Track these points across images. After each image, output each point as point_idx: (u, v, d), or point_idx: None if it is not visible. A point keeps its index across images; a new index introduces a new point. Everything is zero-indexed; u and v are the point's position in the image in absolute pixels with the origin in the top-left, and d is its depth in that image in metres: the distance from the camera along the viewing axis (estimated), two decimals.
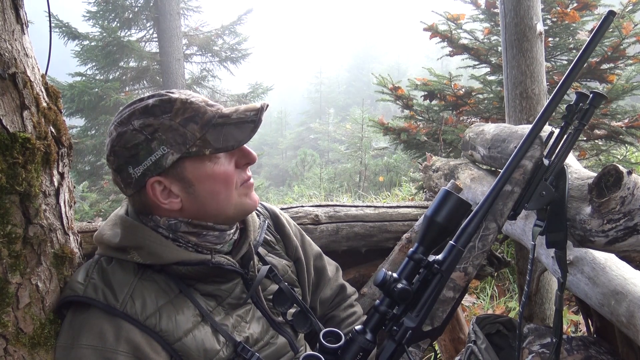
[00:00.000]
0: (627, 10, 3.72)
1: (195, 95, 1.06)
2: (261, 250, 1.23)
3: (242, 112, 1.05)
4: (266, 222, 1.28)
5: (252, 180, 1.13)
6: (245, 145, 1.06)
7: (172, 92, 1.05)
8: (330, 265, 1.43)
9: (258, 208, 1.31)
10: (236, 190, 1.07)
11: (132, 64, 9.31)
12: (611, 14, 0.97)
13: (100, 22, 8.76)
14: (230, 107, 1.08)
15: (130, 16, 9.23)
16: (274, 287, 1.18)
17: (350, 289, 1.45)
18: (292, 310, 1.18)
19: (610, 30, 3.53)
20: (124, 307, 0.96)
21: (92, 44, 8.51)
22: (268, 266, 1.17)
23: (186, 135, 0.99)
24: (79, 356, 0.92)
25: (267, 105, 1.08)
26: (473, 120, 4.14)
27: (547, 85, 2.36)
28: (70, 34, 8.28)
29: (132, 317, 0.95)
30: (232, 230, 1.12)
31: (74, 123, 8.70)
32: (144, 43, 9.54)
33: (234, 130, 1.02)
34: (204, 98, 1.07)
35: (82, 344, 0.93)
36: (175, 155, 0.99)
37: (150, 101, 1.02)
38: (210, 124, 1.01)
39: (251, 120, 1.04)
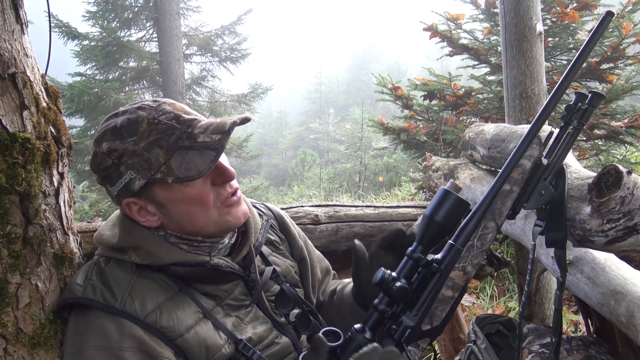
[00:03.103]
0: (627, 10, 3.72)
1: (167, 111, 1.00)
2: (265, 249, 1.23)
3: (209, 134, 0.99)
4: (269, 222, 1.27)
5: (237, 195, 1.07)
6: (221, 160, 1.01)
7: (143, 109, 1.00)
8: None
9: (261, 208, 1.31)
10: (216, 209, 1.03)
11: (131, 64, 9.31)
12: (609, 14, 0.97)
13: (100, 22, 8.76)
14: (206, 120, 1.02)
15: (130, 16, 9.22)
16: (277, 287, 1.18)
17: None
18: (295, 312, 1.18)
19: (610, 30, 3.53)
20: (123, 306, 0.96)
21: (92, 44, 8.50)
22: (271, 268, 1.17)
23: (151, 160, 0.97)
24: (88, 358, 0.92)
25: (242, 121, 1.01)
26: (473, 120, 4.14)
27: (547, 85, 2.36)
28: (70, 34, 8.27)
29: (131, 315, 0.96)
30: (226, 238, 1.12)
31: (74, 123, 8.70)
32: (143, 43, 9.54)
33: (197, 157, 0.97)
34: (177, 111, 1.01)
35: (89, 346, 0.93)
36: (142, 180, 0.98)
37: (119, 121, 1.00)
38: (176, 148, 0.97)
39: (214, 148, 0.97)
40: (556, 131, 1.03)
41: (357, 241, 1.11)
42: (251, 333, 1.08)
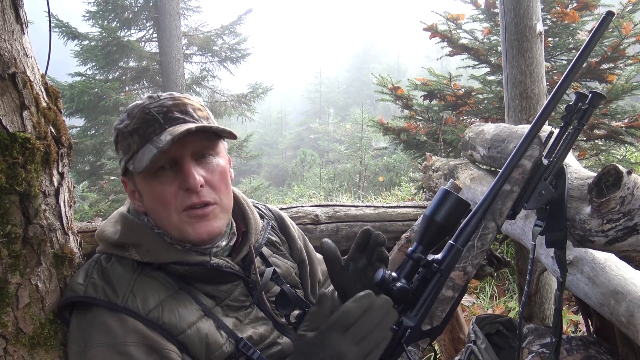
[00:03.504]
0: (627, 10, 3.72)
1: (164, 104, 1.02)
2: (266, 250, 1.23)
3: (169, 133, 0.98)
4: (270, 223, 1.27)
5: (206, 209, 1.03)
6: (191, 166, 1.01)
7: (150, 97, 1.05)
8: None
9: (262, 209, 1.31)
10: (176, 214, 1.02)
11: (131, 64, 9.31)
12: (609, 14, 0.97)
13: (100, 22, 8.76)
14: (188, 125, 1.01)
15: (130, 16, 9.22)
16: (277, 288, 1.18)
17: None
18: (296, 313, 1.18)
19: (610, 30, 3.53)
20: (125, 302, 0.96)
21: (92, 44, 8.50)
22: (272, 268, 1.17)
23: (130, 146, 1.02)
24: (94, 355, 0.92)
25: (196, 129, 0.98)
26: (473, 120, 4.14)
27: (547, 85, 2.36)
28: (70, 34, 8.27)
29: (134, 311, 0.96)
30: (221, 242, 1.11)
31: (74, 123, 8.70)
32: (143, 43, 9.54)
33: (146, 152, 0.98)
34: (178, 108, 1.03)
35: (94, 344, 0.93)
36: (123, 163, 1.04)
37: (136, 102, 1.06)
38: (147, 139, 1.00)
39: (157, 146, 0.97)
40: (556, 131, 1.03)
41: (325, 240, 1.06)
42: (251, 332, 1.08)
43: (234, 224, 1.17)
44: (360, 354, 0.85)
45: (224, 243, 1.12)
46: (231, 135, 1.07)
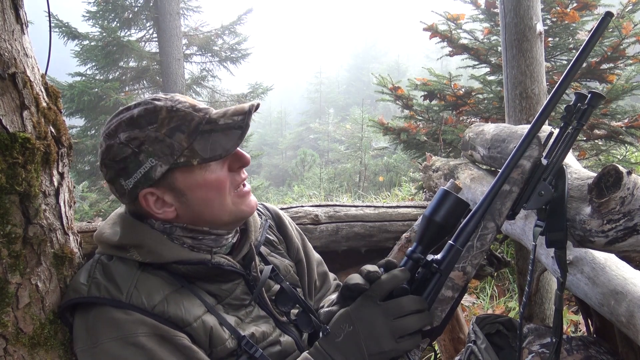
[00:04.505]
0: (627, 10, 3.72)
1: (181, 101, 1.03)
2: (264, 249, 1.23)
3: (229, 117, 1.02)
4: (268, 221, 1.28)
5: (247, 186, 1.10)
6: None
7: (158, 100, 1.02)
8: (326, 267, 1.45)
9: (259, 208, 1.32)
10: (230, 197, 1.05)
11: (131, 64, 9.32)
12: (608, 15, 0.97)
13: (100, 22, 8.76)
14: (219, 109, 1.06)
15: (130, 16, 9.23)
16: (277, 287, 1.18)
17: (332, 276, 1.47)
18: (296, 311, 1.18)
19: (610, 30, 3.53)
20: (129, 299, 0.96)
21: (92, 44, 8.51)
22: (270, 266, 1.17)
23: (173, 145, 0.98)
24: (104, 351, 0.92)
25: (257, 106, 1.05)
26: (473, 120, 4.14)
27: (547, 85, 2.36)
28: (70, 34, 8.28)
29: (139, 307, 0.96)
30: (230, 235, 1.12)
31: (74, 123, 8.70)
32: (143, 43, 9.54)
33: (221, 137, 1.00)
34: (191, 102, 1.05)
35: (103, 340, 0.93)
36: (164, 167, 0.98)
37: (136, 111, 1.00)
38: (197, 132, 1.00)
39: (238, 127, 1.01)
40: (556, 131, 1.03)
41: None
42: (253, 330, 1.08)
43: None
44: (391, 332, 0.90)
45: (230, 237, 1.12)
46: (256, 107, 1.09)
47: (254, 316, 1.12)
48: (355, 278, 0.95)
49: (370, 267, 0.96)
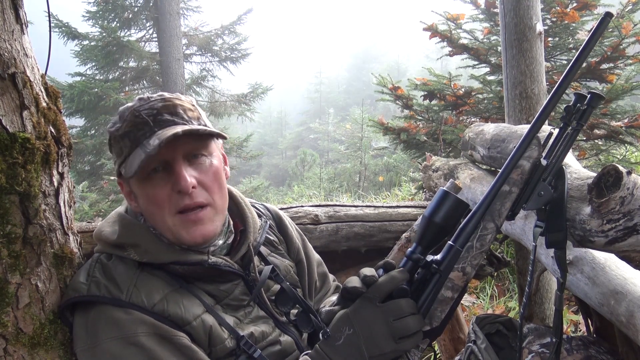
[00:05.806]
0: (626, 10, 3.72)
1: (154, 106, 1.01)
2: (264, 250, 1.23)
3: (157, 138, 0.97)
4: (268, 222, 1.28)
5: (201, 214, 1.02)
6: (182, 168, 1.00)
7: (140, 99, 1.04)
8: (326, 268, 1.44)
9: (260, 208, 1.31)
10: (170, 217, 1.01)
11: (131, 64, 9.31)
12: (608, 15, 0.97)
13: (100, 22, 8.76)
14: (179, 127, 0.99)
15: (130, 16, 9.22)
16: (277, 287, 1.18)
17: (331, 277, 1.47)
18: (295, 311, 1.18)
19: (610, 30, 3.53)
20: (129, 297, 0.96)
21: (92, 44, 8.51)
22: (270, 266, 1.17)
23: (122, 150, 1.02)
24: (104, 351, 0.92)
25: (184, 133, 0.97)
26: (473, 120, 4.14)
27: (547, 85, 2.36)
28: (70, 34, 8.27)
29: (139, 305, 0.96)
30: (218, 241, 1.11)
31: (74, 123, 8.71)
32: (143, 43, 9.54)
33: (136, 157, 0.97)
34: (168, 109, 1.01)
35: (103, 339, 0.93)
36: (116, 165, 1.04)
37: (127, 104, 1.05)
38: (137, 143, 0.99)
39: (145, 150, 0.96)
40: (555, 132, 1.03)
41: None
42: (252, 329, 1.08)
43: (231, 222, 1.17)
44: (390, 334, 0.90)
45: (220, 242, 1.12)
46: (220, 136, 1.06)
47: (253, 316, 1.12)
48: (354, 281, 0.95)
49: (368, 272, 0.96)
